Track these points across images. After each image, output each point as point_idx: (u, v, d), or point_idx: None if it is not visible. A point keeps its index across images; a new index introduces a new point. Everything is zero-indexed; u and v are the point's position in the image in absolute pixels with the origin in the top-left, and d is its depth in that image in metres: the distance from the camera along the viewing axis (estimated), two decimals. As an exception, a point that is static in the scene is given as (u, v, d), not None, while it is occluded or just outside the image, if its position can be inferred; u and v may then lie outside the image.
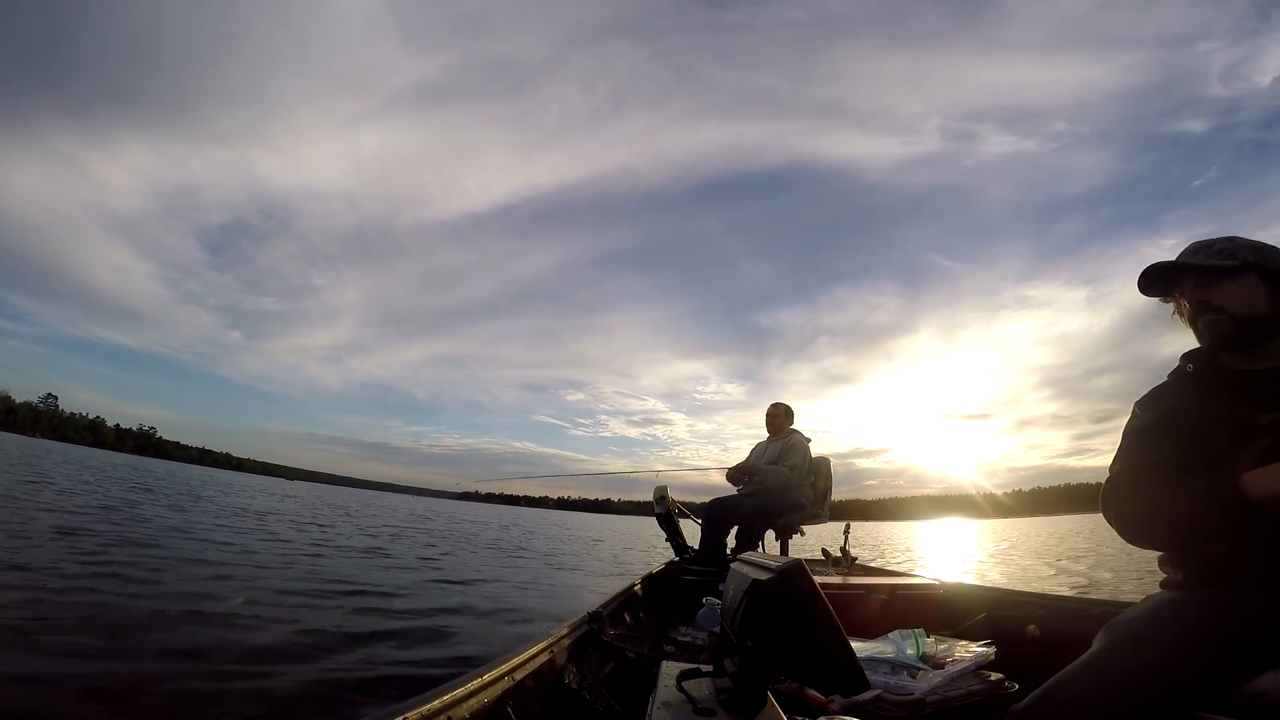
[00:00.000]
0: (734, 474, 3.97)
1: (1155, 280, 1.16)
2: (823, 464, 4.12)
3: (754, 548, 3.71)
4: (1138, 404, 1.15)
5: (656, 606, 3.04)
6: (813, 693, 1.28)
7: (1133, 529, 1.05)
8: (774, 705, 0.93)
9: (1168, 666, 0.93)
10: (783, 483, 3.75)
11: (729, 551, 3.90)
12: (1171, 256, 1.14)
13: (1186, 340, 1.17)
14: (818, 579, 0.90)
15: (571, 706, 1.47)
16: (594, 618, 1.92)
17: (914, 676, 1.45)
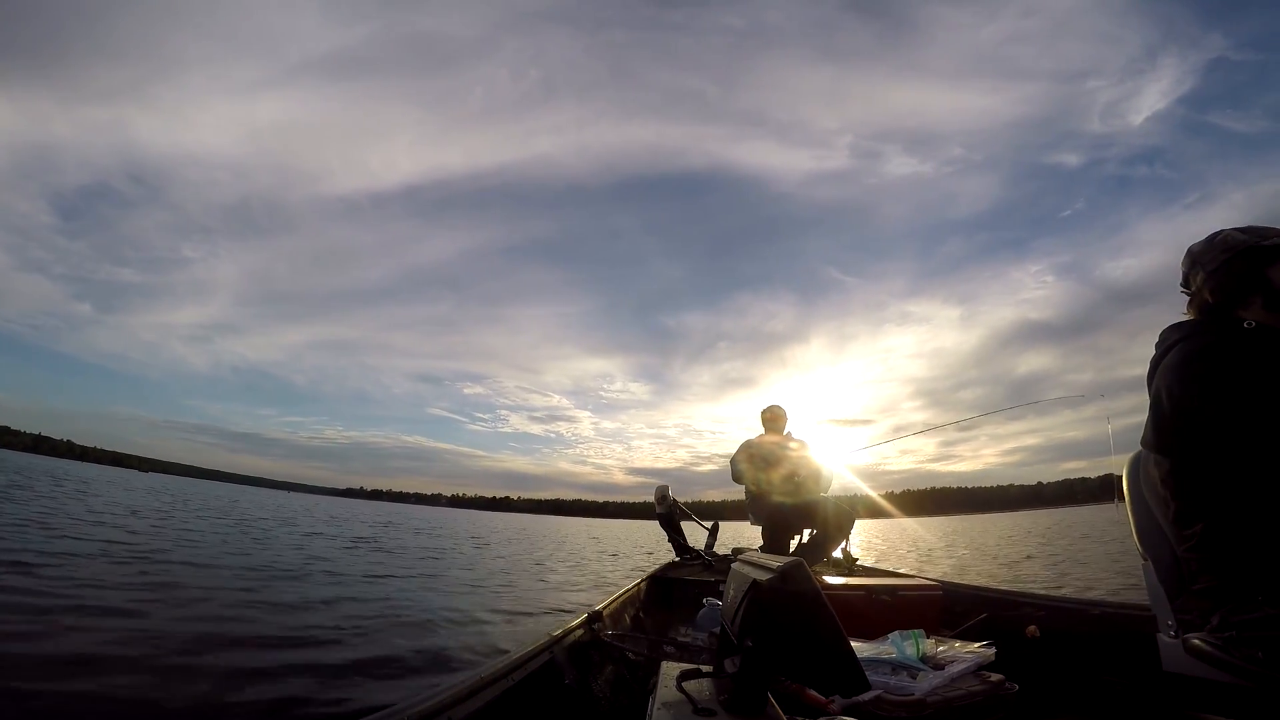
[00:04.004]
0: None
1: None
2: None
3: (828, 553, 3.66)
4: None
5: (657, 607, 3.04)
6: (813, 693, 1.28)
7: None
8: (774, 705, 0.93)
9: None
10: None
11: (731, 552, 3.89)
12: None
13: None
14: (818, 579, 0.90)
15: (572, 707, 1.47)
16: (594, 618, 1.92)
17: (914, 677, 1.45)
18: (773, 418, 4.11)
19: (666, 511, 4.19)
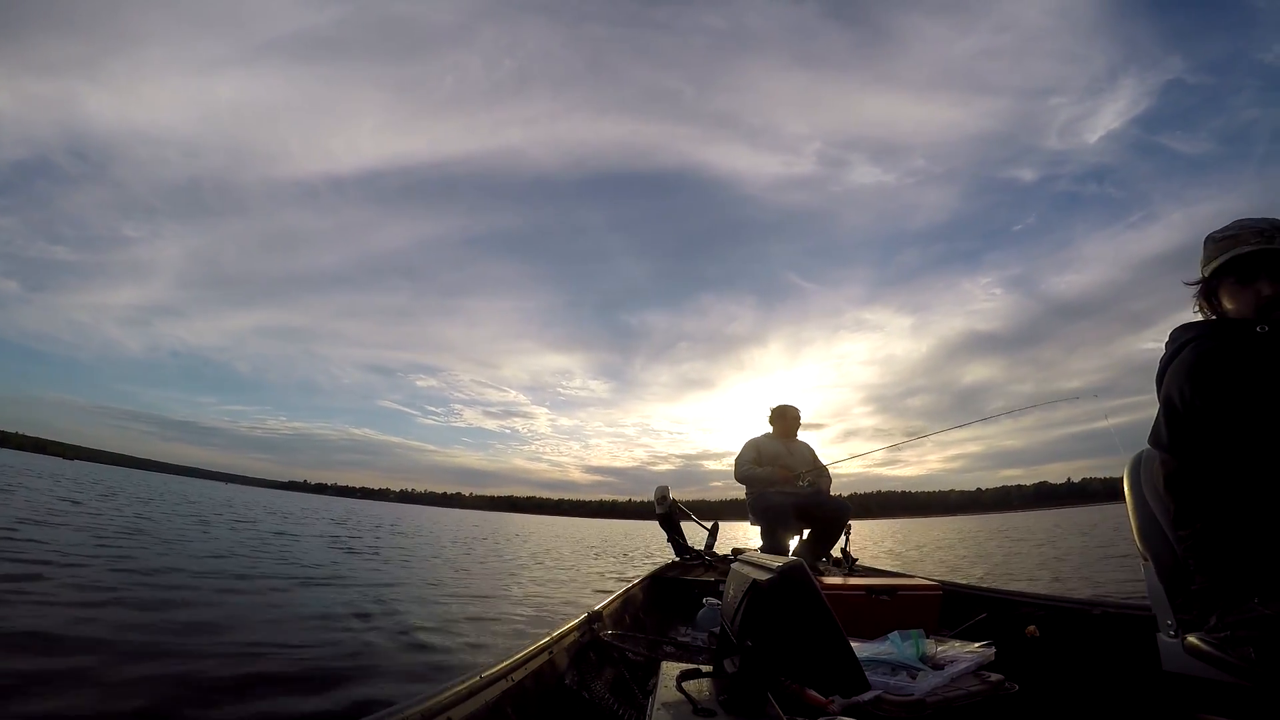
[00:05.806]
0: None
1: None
2: None
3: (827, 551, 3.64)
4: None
5: (656, 607, 3.04)
6: (813, 693, 1.28)
7: None
8: (774, 705, 0.93)
9: None
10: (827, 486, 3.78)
11: (731, 552, 3.89)
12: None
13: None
14: (818, 579, 0.90)
15: (571, 707, 1.47)
16: (594, 618, 1.92)
17: (914, 677, 1.45)
18: (784, 417, 3.99)
19: (666, 511, 4.19)
